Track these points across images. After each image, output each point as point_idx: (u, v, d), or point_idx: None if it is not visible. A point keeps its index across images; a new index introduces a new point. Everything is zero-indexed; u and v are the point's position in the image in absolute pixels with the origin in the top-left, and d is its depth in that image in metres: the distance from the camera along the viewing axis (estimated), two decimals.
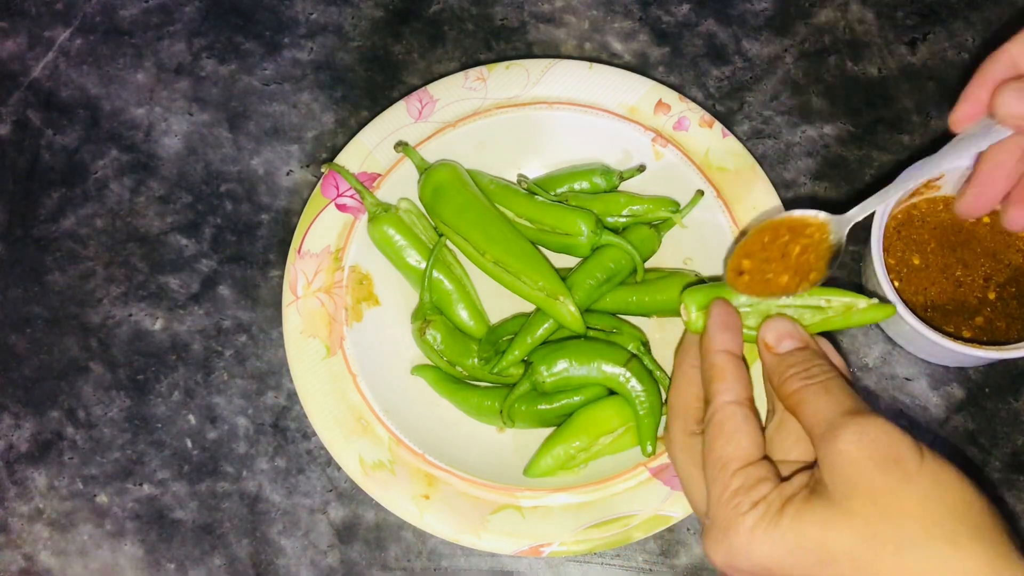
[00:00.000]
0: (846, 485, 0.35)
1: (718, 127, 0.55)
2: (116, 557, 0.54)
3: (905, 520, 0.34)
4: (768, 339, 0.42)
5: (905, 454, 0.35)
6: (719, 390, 0.40)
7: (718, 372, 0.41)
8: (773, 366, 0.41)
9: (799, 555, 0.35)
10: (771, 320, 0.42)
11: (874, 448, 0.35)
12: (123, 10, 0.65)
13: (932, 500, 0.34)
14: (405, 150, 0.55)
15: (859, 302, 0.43)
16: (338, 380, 0.52)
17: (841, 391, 0.38)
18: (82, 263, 0.59)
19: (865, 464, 0.35)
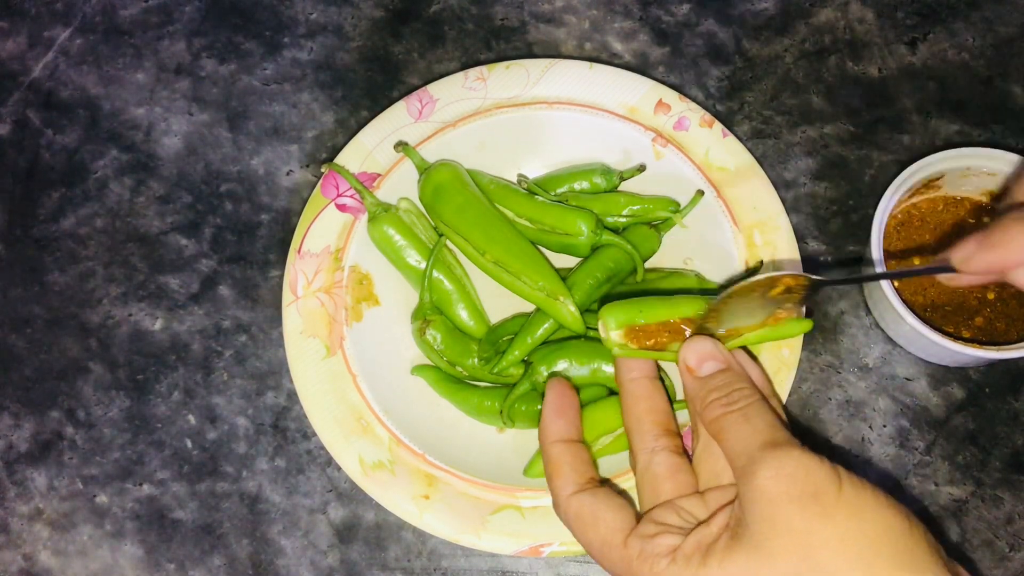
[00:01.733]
0: (766, 524, 0.35)
1: (718, 127, 0.55)
2: (116, 557, 0.54)
3: (825, 557, 0.34)
4: (690, 361, 0.41)
5: (823, 487, 0.35)
6: (559, 486, 0.40)
7: (554, 467, 0.41)
8: (695, 390, 0.40)
9: None
10: (691, 341, 0.41)
11: (791, 484, 0.35)
12: (123, 10, 0.65)
13: (851, 533, 0.34)
14: (405, 150, 0.55)
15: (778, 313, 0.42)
16: (338, 380, 0.52)
17: (760, 419, 0.38)
18: (82, 263, 0.59)
19: (783, 501, 0.35)
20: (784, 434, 0.37)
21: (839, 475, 0.35)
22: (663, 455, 0.41)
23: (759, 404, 0.39)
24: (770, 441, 0.36)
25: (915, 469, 0.54)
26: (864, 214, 0.59)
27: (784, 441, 0.37)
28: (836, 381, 0.56)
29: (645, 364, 0.42)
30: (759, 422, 0.38)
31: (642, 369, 0.43)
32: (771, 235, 0.53)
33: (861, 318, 0.57)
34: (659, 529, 0.37)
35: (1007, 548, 0.52)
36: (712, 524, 0.37)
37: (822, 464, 0.36)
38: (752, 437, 0.37)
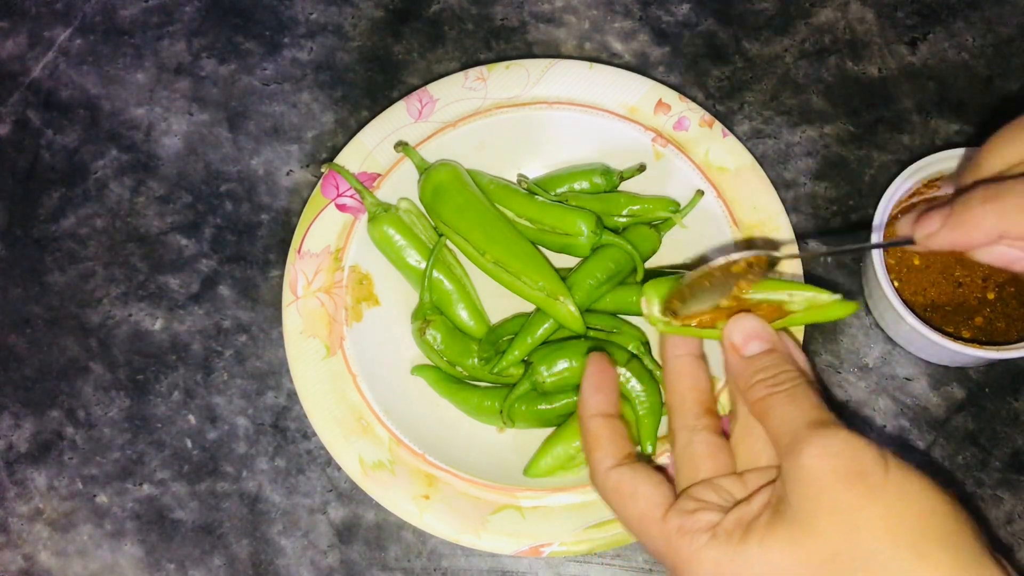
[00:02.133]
0: (811, 502, 0.34)
1: (718, 127, 0.55)
2: (116, 557, 0.54)
3: (870, 536, 0.34)
4: (735, 339, 0.40)
5: (869, 467, 0.34)
6: (598, 459, 0.40)
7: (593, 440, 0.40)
8: (740, 370, 0.40)
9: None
10: (738, 318, 0.40)
11: (838, 462, 0.35)
12: (123, 10, 0.65)
13: (896, 513, 0.34)
14: (405, 150, 0.55)
15: (821, 296, 0.42)
16: (338, 380, 0.52)
17: (807, 400, 0.38)
18: (82, 263, 0.59)
19: (829, 480, 0.34)
20: (830, 415, 0.37)
21: (885, 457, 0.35)
22: (703, 434, 0.40)
23: (805, 386, 0.38)
24: (816, 421, 0.36)
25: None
26: (864, 214, 0.59)
27: (830, 422, 0.36)
28: (836, 381, 0.56)
29: (691, 342, 0.42)
30: (805, 403, 0.37)
31: (687, 347, 0.42)
32: (771, 235, 0.53)
33: (861, 318, 0.57)
34: (699, 505, 0.37)
35: (1008, 547, 0.52)
36: (752, 502, 0.37)
37: (869, 445, 0.35)
38: (798, 417, 0.37)
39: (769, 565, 0.34)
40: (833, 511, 0.34)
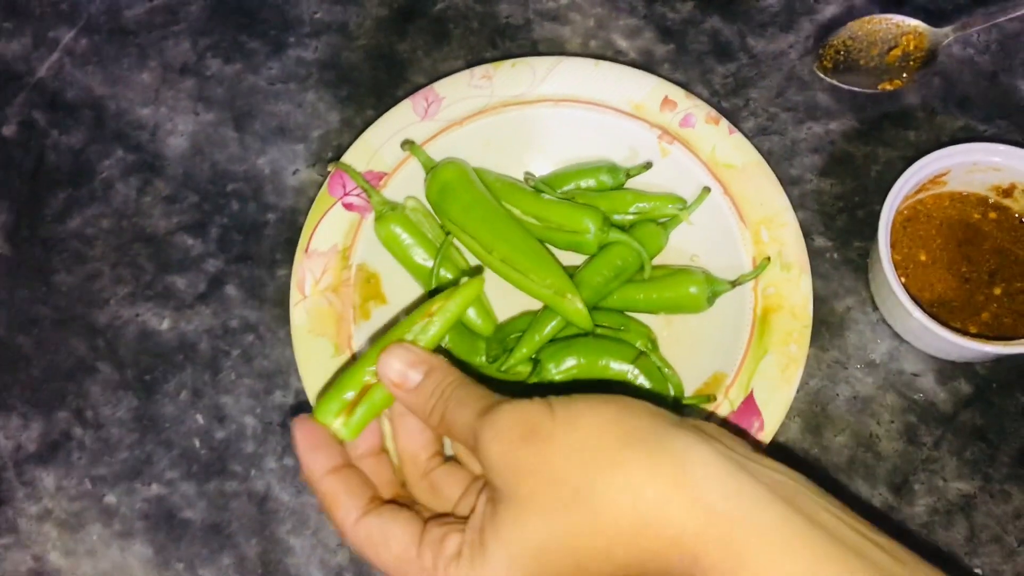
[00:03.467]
0: (508, 479, 0.36)
1: (724, 124, 0.55)
2: (125, 557, 0.54)
3: (560, 473, 0.35)
4: (393, 378, 0.40)
5: (536, 420, 0.36)
6: (342, 518, 0.39)
7: (331, 501, 0.40)
8: (413, 403, 0.40)
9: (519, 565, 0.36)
10: (387, 354, 0.40)
11: (510, 433, 0.36)
12: (128, 10, 0.65)
13: (572, 441, 0.36)
14: (411, 149, 0.55)
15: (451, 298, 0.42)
16: None
17: (470, 396, 0.39)
18: (89, 263, 0.59)
19: (509, 452, 0.36)
20: (493, 398, 0.38)
21: (550, 404, 0.37)
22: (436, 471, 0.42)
23: (466, 386, 0.39)
24: (483, 409, 0.37)
25: (923, 465, 0.54)
26: (870, 210, 0.59)
27: (493, 403, 0.37)
28: (843, 377, 0.56)
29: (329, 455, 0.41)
30: (469, 399, 0.38)
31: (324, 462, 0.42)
32: (778, 231, 0.53)
33: (868, 314, 0.57)
34: (445, 531, 0.38)
35: (1016, 543, 0.53)
36: (477, 508, 0.38)
37: (531, 403, 0.37)
38: (469, 415, 0.38)
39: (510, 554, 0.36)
40: (526, 474, 0.36)
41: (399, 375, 0.40)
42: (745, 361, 0.51)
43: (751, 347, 0.51)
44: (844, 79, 0.55)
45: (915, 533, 0.53)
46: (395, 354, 0.40)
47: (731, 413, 0.50)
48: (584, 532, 0.35)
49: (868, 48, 0.53)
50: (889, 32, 0.54)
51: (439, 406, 0.39)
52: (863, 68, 0.54)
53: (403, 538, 0.38)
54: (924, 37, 0.54)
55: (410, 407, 0.41)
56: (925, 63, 0.53)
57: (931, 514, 0.53)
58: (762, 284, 0.53)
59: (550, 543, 0.35)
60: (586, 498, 0.35)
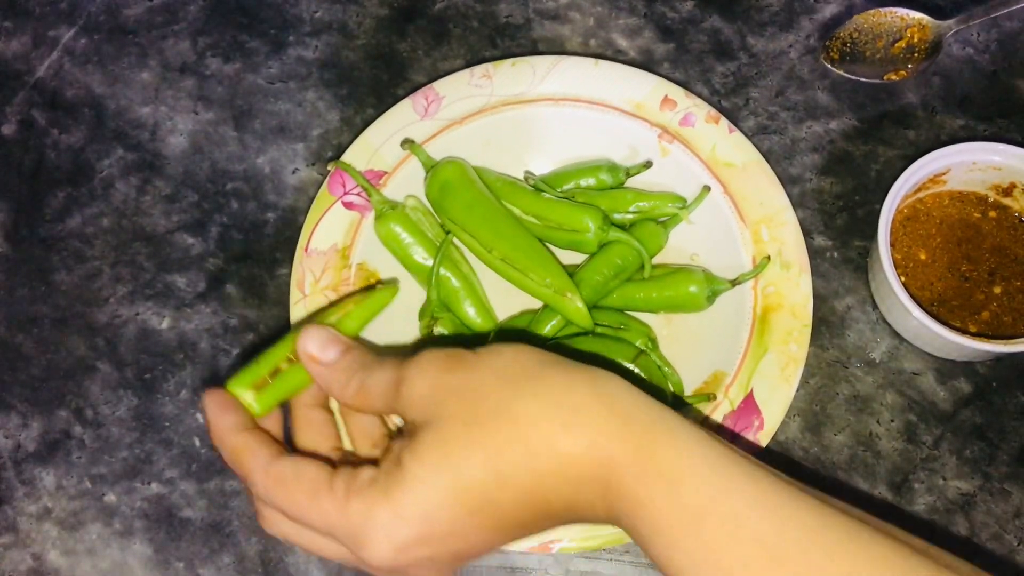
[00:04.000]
0: (431, 405, 0.37)
1: (724, 123, 0.55)
2: (125, 556, 0.54)
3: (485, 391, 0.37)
4: (311, 350, 0.41)
5: (459, 354, 0.39)
6: (255, 466, 0.39)
7: (241, 452, 0.40)
8: (327, 377, 0.41)
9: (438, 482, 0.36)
10: (307, 333, 0.41)
11: (434, 364, 0.38)
12: (127, 9, 0.65)
13: (497, 368, 0.38)
14: (412, 148, 0.55)
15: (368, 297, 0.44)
16: None
17: (388, 362, 0.40)
18: (88, 262, 0.59)
19: (434, 380, 0.38)
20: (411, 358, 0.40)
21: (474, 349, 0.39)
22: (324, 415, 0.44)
23: (380, 359, 0.41)
24: (403, 364, 0.39)
25: (923, 464, 0.54)
26: (870, 209, 0.59)
27: (413, 357, 0.39)
28: (843, 376, 0.56)
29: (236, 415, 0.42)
30: (387, 364, 0.40)
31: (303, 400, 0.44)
32: (778, 230, 0.53)
33: (868, 313, 0.57)
34: (360, 466, 0.38)
35: (1015, 542, 0.53)
36: (392, 447, 0.38)
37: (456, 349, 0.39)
38: (389, 372, 0.39)
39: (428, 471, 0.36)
40: (449, 396, 0.37)
41: (319, 348, 0.41)
42: (745, 360, 0.51)
43: (751, 346, 0.51)
44: (850, 70, 0.57)
45: (915, 532, 0.53)
46: (314, 332, 0.42)
47: (731, 412, 0.50)
48: (505, 442, 0.36)
49: (874, 41, 0.54)
50: (894, 25, 0.56)
51: (358, 375, 0.40)
52: (869, 59, 0.56)
53: (315, 472, 0.38)
54: (928, 29, 0.56)
55: (325, 382, 0.41)
56: (929, 54, 0.55)
57: (931, 513, 0.53)
58: (762, 283, 0.53)
59: (471, 456, 0.36)
60: (507, 410, 0.36)
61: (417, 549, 0.36)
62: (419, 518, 0.36)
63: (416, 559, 0.36)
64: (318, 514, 0.37)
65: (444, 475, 0.36)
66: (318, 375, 0.41)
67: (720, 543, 0.34)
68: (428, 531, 0.36)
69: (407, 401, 0.38)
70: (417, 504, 0.36)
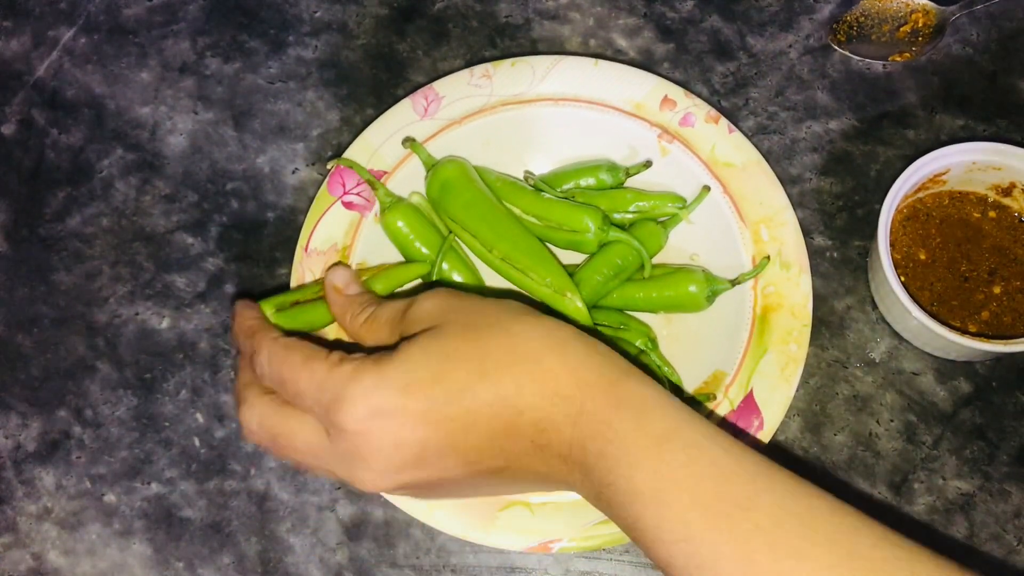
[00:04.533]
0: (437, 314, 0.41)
1: (724, 123, 0.55)
2: (125, 556, 0.54)
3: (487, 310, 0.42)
4: (338, 283, 0.48)
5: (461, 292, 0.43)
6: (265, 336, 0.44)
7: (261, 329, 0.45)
8: (344, 304, 0.47)
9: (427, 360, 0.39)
10: (336, 268, 0.49)
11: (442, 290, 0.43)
12: (127, 9, 0.65)
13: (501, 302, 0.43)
14: (413, 146, 0.55)
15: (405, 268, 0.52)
16: None
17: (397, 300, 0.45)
18: (88, 262, 0.59)
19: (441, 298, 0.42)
20: None
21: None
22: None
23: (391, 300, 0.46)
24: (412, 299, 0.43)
25: (922, 463, 0.54)
26: (870, 209, 0.59)
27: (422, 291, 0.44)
28: (843, 376, 0.56)
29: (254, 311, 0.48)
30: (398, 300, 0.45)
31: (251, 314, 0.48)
32: (778, 230, 0.53)
33: (867, 313, 0.57)
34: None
35: (1015, 542, 0.53)
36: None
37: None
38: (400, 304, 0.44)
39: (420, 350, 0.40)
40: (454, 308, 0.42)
41: (343, 281, 0.48)
42: (745, 360, 0.51)
43: (751, 346, 0.51)
44: (856, 51, 0.59)
45: (915, 532, 0.53)
46: (342, 269, 0.49)
47: (731, 412, 0.50)
48: (495, 347, 0.39)
49: (880, 25, 0.57)
50: (900, 11, 0.58)
51: (371, 307, 0.45)
52: (875, 42, 0.58)
53: (316, 346, 0.42)
54: (932, 14, 0.59)
55: (340, 310, 0.47)
56: (933, 38, 0.58)
57: (931, 513, 0.53)
58: (762, 283, 0.53)
59: (460, 348, 0.40)
60: (504, 326, 0.40)
61: (390, 418, 0.39)
62: (399, 387, 0.39)
63: (385, 429, 0.39)
64: (308, 374, 0.40)
65: (432, 358, 0.39)
66: (336, 304, 0.47)
67: (679, 463, 0.37)
68: (404, 403, 0.39)
69: (413, 318, 0.42)
70: (401, 375, 0.39)
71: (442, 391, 0.39)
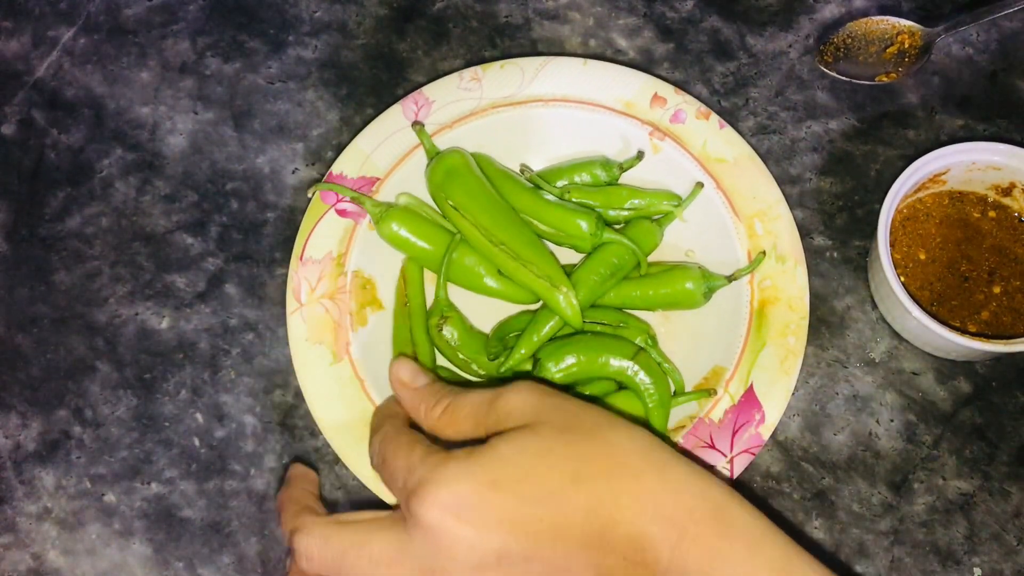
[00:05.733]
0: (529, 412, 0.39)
1: (715, 119, 0.55)
2: (124, 556, 0.54)
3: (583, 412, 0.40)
4: (404, 378, 0.46)
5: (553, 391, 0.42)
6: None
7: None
8: (415, 398, 0.45)
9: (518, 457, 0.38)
10: (398, 363, 0.46)
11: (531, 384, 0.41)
12: (127, 9, 0.65)
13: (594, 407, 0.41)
14: (419, 133, 0.55)
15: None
16: (346, 386, 0.52)
17: (476, 390, 0.43)
18: (88, 262, 0.59)
19: (533, 394, 0.40)
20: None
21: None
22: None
23: (467, 388, 0.44)
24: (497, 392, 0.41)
25: (922, 463, 0.54)
26: (870, 209, 0.59)
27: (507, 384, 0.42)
28: (843, 376, 0.56)
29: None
30: (478, 389, 0.43)
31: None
32: (772, 224, 0.54)
33: (867, 313, 0.57)
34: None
35: (1015, 542, 0.53)
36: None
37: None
38: (483, 396, 0.42)
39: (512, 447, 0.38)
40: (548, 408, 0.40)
41: (409, 375, 0.46)
42: (744, 354, 0.51)
43: (749, 340, 0.52)
44: (843, 71, 0.59)
45: (914, 532, 0.53)
46: (405, 362, 0.46)
47: (732, 406, 0.50)
48: (593, 453, 0.38)
49: (866, 46, 0.57)
50: (886, 32, 0.58)
51: (448, 398, 0.43)
52: (862, 63, 0.58)
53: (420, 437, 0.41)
54: (918, 36, 0.59)
55: (414, 404, 0.44)
56: (918, 59, 0.58)
57: (930, 513, 0.53)
58: (758, 277, 0.53)
59: (556, 450, 0.38)
60: (603, 434, 0.39)
61: (471, 512, 0.36)
62: (487, 482, 0.37)
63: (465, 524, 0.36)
64: (405, 453, 0.40)
65: (525, 456, 0.37)
66: (408, 399, 0.45)
67: None
68: (489, 499, 0.36)
69: (502, 413, 0.40)
70: (490, 469, 0.37)
71: (532, 490, 0.37)
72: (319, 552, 0.40)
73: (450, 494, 0.36)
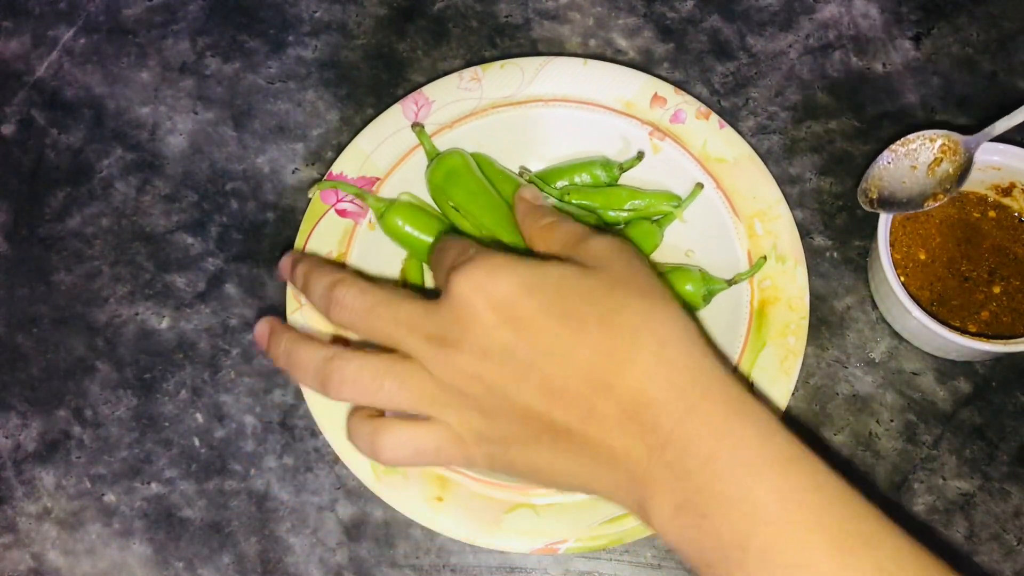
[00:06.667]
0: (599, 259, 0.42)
1: (715, 119, 0.55)
2: (124, 556, 0.54)
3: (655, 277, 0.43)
4: (527, 195, 0.50)
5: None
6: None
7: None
8: (529, 210, 0.48)
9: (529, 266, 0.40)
10: (525, 187, 0.51)
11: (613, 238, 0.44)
12: (127, 9, 0.65)
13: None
14: (419, 133, 0.55)
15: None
16: None
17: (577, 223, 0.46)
18: (88, 262, 0.59)
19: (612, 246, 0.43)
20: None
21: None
22: None
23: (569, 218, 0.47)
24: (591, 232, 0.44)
25: (922, 463, 0.54)
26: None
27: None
28: (843, 376, 0.56)
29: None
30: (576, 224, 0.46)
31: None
32: (772, 224, 0.53)
33: (867, 312, 0.57)
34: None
35: (1015, 542, 0.53)
36: None
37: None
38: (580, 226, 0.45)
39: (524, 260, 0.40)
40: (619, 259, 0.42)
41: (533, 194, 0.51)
42: (744, 354, 0.51)
43: (749, 340, 0.52)
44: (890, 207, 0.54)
45: (914, 532, 0.53)
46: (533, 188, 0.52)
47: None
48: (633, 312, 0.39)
49: (910, 168, 0.53)
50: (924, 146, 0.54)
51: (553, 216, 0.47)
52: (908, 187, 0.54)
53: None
54: (958, 144, 0.54)
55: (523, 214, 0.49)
56: (963, 173, 0.53)
57: (930, 513, 0.53)
58: (758, 277, 0.53)
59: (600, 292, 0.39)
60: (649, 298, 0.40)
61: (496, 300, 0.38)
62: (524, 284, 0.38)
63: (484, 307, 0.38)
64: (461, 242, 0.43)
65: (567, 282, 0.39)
66: (523, 210, 0.49)
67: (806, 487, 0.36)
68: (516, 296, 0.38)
69: (584, 247, 0.43)
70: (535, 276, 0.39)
71: (561, 311, 0.38)
72: (352, 301, 0.42)
73: (488, 277, 0.38)
